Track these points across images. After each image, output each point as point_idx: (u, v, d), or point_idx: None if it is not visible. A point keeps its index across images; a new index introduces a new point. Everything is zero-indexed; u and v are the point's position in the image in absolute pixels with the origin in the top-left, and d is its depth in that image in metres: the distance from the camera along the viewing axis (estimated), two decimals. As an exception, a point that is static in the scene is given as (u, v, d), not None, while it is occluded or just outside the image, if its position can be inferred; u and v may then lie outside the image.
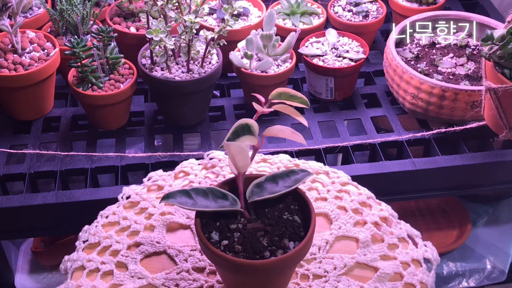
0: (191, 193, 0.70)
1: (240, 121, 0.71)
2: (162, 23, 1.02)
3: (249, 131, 0.71)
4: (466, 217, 1.48)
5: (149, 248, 0.80)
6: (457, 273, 1.43)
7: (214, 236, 0.69)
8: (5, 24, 1.08)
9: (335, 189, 0.87)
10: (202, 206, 0.69)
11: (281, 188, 0.72)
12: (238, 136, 0.70)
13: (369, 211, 0.84)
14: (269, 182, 0.73)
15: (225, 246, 0.68)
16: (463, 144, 1.12)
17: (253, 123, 0.71)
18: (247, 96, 1.21)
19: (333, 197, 0.86)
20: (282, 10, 1.31)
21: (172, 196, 0.70)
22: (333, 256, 0.79)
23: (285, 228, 0.70)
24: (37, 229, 1.07)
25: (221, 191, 0.71)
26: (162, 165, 1.07)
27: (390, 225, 0.83)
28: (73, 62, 1.08)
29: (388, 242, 0.80)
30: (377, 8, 1.34)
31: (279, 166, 0.91)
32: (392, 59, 1.13)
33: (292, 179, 0.73)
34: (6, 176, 1.07)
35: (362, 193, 0.87)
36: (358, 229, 0.82)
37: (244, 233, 0.69)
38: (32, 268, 1.36)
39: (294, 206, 0.72)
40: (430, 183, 1.11)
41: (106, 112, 1.11)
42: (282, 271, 0.69)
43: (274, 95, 0.71)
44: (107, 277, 0.77)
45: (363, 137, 1.13)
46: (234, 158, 0.68)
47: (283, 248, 0.67)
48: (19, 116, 1.17)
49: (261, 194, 0.71)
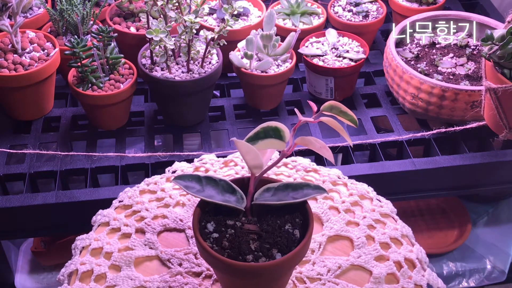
0: (203, 180, 0.70)
1: (268, 123, 0.69)
2: (162, 23, 1.02)
3: (278, 135, 0.68)
4: (466, 217, 1.49)
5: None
6: (457, 273, 1.43)
7: (210, 226, 0.69)
8: (5, 24, 1.08)
9: (350, 201, 0.85)
10: (207, 196, 0.69)
11: (289, 198, 0.69)
12: (260, 138, 0.68)
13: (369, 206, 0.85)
14: (280, 190, 0.70)
15: (214, 238, 0.68)
16: (463, 144, 1.12)
17: (285, 129, 0.69)
18: (247, 96, 1.21)
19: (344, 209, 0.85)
20: (282, 10, 1.31)
21: (183, 178, 0.70)
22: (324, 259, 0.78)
23: (280, 238, 0.68)
24: (37, 229, 1.07)
25: (232, 186, 0.71)
26: (162, 165, 1.07)
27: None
28: (73, 62, 1.08)
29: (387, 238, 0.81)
30: (377, 8, 1.34)
31: (298, 169, 0.90)
32: (392, 59, 1.13)
33: (304, 193, 0.70)
34: (6, 176, 1.07)
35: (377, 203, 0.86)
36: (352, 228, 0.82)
37: (237, 232, 0.68)
38: (32, 268, 1.36)
39: (300, 220, 0.70)
40: (430, 183, 1.11)
41: (106, 112, 1.11)
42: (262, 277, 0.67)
43: (326, 107, 0.69)
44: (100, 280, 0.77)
45: (363, 137, 1.13)
46: (244, 157, 0.67)
47: (268, 257, 0.66)
48: (19, 116, 1.17)
49: (266, 199, 0.70)
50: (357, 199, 0.86)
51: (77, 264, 0.77)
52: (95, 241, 0.80)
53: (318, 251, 0.79)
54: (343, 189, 0.88)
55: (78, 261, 0.78)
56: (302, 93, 1.25)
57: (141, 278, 0.76)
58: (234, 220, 0.70)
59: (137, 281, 0.75)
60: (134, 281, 0.75)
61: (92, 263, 0.77)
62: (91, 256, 0.78)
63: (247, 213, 0.71)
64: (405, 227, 0.84)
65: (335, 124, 0.69)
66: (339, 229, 0.81)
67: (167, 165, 0.92)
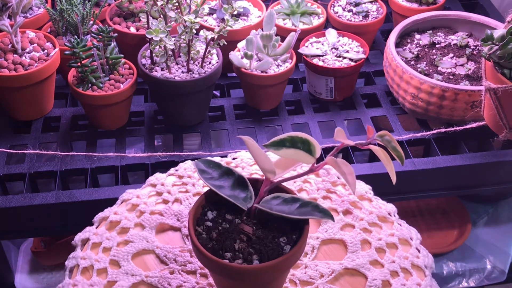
0: (222, 169, 0.71)
1: (297, 133, 0.66)
2: (162, 23, 1.02)
3: (307, 148, 0.65)
4: (466, 217, 1.49)
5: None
6: (457, 273, 1.43)
7: (210, 214, 0.69)
8: (5, 24, 1.08)
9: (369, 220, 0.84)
10: (216, 186, 0.69)
11: (293, 213, 0.67)
12: (285, 146, 0.65)
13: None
14: (289, 202, 0.68)
15: (207, 227, 0.68)
16: (463, 144, 1.12)
17: (316, 144, 0.66)
18: (247, 96, 1.21)
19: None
20: (282, 10, 1.31)
21: (205, 163, 0.71)
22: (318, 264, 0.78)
23: (267, 248, 0.66)
24: (37, 229, 1.07)
25: (246, 183, 0.70)
26: (162, 165, 1.07)
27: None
28: (73, 62, 1.08)
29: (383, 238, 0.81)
30: (377, 8, 1.34)
31: (319, 187, 0.88)
32: (392, 59, 1.13)
33: (309, 212, 0.67)
34: (6, 176, 1.07)
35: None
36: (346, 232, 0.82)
37: (231, 228, 0.68)
38: (32, 268, 1.36)
39: (296, 238, 0.68)
40: (430, 183, 1.11)
41: (106, 112, 1.11)
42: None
43: (379, 134, 0.67)
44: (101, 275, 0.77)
45: (363, 137, 1.13)
46: (254, 158, 0.66)
47: (246, 261, 0.65)
48: (19, 116, 1.17)
49: (268, 206, 0.68)
50: (377, 221, 0.84)
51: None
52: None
53: (311, 254, 0.79)
54: (367, 204, 0.86)
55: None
56: (302, 93, 1.25)
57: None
58: (234, 216, 0.70)
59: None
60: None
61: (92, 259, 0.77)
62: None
63: (249, 213, 0.70)
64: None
65: (383, 156, 0.67)
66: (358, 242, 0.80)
67: (167, 165, 0.92)
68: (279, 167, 0.70)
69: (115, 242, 0.80)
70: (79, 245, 0.81)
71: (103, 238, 0.80)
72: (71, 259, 0.79)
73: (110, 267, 0.77)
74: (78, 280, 0.76)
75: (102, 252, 0.79)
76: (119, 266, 0.78)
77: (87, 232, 0.81)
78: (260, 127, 1.16)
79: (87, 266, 0.77)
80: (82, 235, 0.81)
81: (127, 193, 0.87)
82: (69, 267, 0.78)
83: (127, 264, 0.77)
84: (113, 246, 0.79)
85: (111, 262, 0.78)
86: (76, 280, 0.76)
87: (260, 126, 1.16)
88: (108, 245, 0.80)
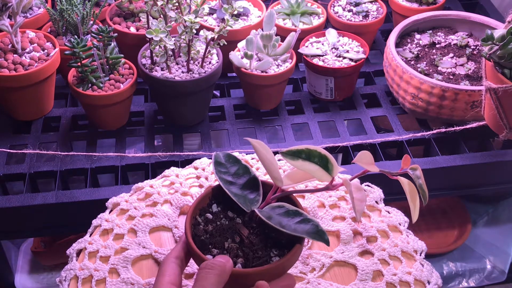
0: (240, 165, 0.70)
1: (316, 147, 0.64)
2: (162, 23, 1.02)
3: (324, 165, 0.63)
4: (466, 217, 1.49)
5: None
6: (457, 273, 1.43)
7: (214, 207, 0.70)
8: (5, 24, 1.08)
9: None
10: (226, 182, 0.69)
11: (288, 225, 0.64)
12: (301, 158, 0.64)
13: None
14: (290, 214, 0.66)
15: (206, 218, 0.68)
16: (463, 144, 1.12)
17: (334, 162, 0.63)
18: (247, 96, 1.21)
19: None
20: (282, 10, 1.31)
21: (225, 157, 0.71)
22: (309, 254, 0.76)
23: (255, 255, 0.65)
24: (37, 229, 1.07)
25: (258, 185, 0.69)
26: (162, 165, 1.07)
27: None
28: (73, 62, 1.08)
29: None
30: (377, 8, 1.34)
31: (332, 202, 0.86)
32: (392, 59, 1.13)
33: (305, 231, 0.64)
34: (6, 176, 1.07)
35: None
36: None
37: (228, 226, 0.68)
38: (32, 268, 1.36)
39: (287, 252, 0.65)
40: (430, 183, 1.10)
41: (106, 112, 1.11)
42: None
43: (412, 168, 0.67)
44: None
45: (363, 137, 1.13)
46: (262, 163, 0.65)
47: None
48: (19, 116, 1.17)
49: (267, 214, 0.66)
50: (399, 255, 0.80)
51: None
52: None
53: (318, 272, 0.76)
54: (396, 236, 0.83)
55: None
56: (302, 93, 1.25)
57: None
58: (236, 215, 0.69)
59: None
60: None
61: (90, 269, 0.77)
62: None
63: (252, 216, 0.69)
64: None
65: (410, 191, 0.66)
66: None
67: (167, 165, 0.92)
68: (294, 177, 0.68)
69: (112, 250, 0.79)
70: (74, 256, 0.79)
71: (99, 246, 0.79)
72: (68, 270, 0.77)
73: (109, 276, 0.76)
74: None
75: (99, 261, 0.78)
76: (118, 274, 0.76)
77: (82, 243, 0.80)
78: (260, 127, 1.16)
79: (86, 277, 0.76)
80: (77, 246, 0.80)
81: (119, 197, 0.87)
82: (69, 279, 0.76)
83: (126, 272, 0.76)
84: (111, 255, 0.78)
85: (110, 271, 0.77)
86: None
87: (260, 126, 1.16)
88: (105, 254, 0.78)
